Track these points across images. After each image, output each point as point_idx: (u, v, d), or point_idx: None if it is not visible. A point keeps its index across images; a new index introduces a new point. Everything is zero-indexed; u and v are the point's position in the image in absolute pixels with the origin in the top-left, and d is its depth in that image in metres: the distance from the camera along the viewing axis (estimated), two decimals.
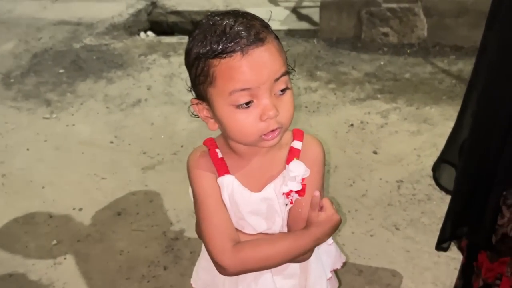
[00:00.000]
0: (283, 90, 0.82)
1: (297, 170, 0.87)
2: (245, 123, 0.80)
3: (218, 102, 0.81)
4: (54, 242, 1.95)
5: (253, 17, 0.83)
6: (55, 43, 3.81)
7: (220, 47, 0.76)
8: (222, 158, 0.91)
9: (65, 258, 1.88)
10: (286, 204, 0.92)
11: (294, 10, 4.11)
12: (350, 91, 2.88)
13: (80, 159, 2.46)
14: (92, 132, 2.68)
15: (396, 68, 3.11)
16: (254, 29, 0.79)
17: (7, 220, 2.07)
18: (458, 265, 1.57)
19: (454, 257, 1.70)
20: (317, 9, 3.62)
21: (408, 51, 3.30)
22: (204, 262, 1.06)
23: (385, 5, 3.31)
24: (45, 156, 2.49)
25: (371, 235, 1.88)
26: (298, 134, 0.94)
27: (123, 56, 3.58)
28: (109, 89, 3.12)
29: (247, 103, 0.79)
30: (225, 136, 0.89)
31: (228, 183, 0.90)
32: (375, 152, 2.33)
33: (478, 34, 1.16)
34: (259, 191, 0.91)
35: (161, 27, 4.52)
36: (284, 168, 0.90)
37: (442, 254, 1.74)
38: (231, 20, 0.79)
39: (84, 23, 4.17)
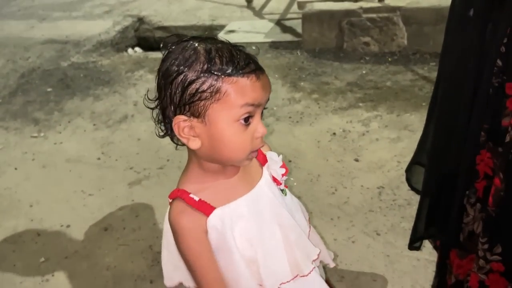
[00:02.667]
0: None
1: (275, 156, 0.98)
2: (243, 141, 0.86)
3: (220, 119, 0.83)
4: (42, 259, 1.98)
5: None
6: (43, 62, 3.86)
7: (237, 68, 0.82)
8: (200, 200, 0.90)
9: (53, 275, 1.91)
10: (282, 190, 0.98)
11: (278, 23, 4.19)
12: (333, 101, 2.94)
13: (68, 176, 2.50)
14: (79, 149, 2.72)
15: (377, 77, 3.18)
16: (254, 57, 0.86)
17: None
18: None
19: (432, 260, 1.74)
20: (300, 21, 3.68)
21: (389, 59, 3.37)
22: (166, 252, 1.03)
23: (365, 15, 3.39)
24: (33, 175, 2.53)
25: (353, 242, 1.92)
26: None
27: (110, 73, 3.63)
28: (96, 106, 3.16)
29: (246, 121, 0.85)
30: (207, 156, 0.89)
31: (220, 215, 0.90)
32: (356, 160, 2.38)
33: None
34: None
35: (148, 43, 4.58)
36: (261, 164, 0.99)
37: (421, 257, 1.78)
38: (226, 45, 0.85)
39: (72, 41, 4.22)
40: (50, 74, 3.66)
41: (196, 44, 0.84)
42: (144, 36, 4.64)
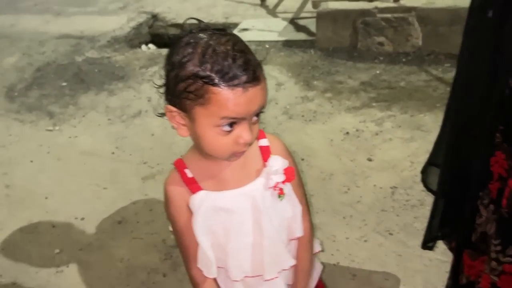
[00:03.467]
0: (257, 116, 0.90)
1: (277, 164, 0.96)
2: (223, 144, 0.88)
3: (202, 121, 0.87)
4: (57, 250, 2.01)
5: (246, 46, 0.87)
6: (58, 57, 3.89)
7: (223, 79, 0.81)
8: (192, 178, 0.97)
9: (67, 266, 1.94)
10: (279, 196, 0.98)
11: (292, 21, 4.18)
12: (346, 100, 2.94)
13: (82, 169, 2.52)
14: (94, 143, 2.74)
15: (391, 77, 3.17)
16: (252, 66, 0.84)
17: (11, 230, 2.13)
18: (448, 268, 1.62)
19: (444, 260, 1.74)
20: (314, 20, 3.69)
21: (404, 59, 3.36)
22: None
23: (380, 15, 3.38)
24: (48, 167, 2.56)
25: (365, 240, 1.92)
26: (260, 134, 1.01)
27: (124, 68, 3.65)
28: (110, 101, 3.19)
29: (231, 126, 0.86)
30: (198, 147, 0.94)
31: (202, 197, 0.96)
32: (369, 159, 2.38)
33: None
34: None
35: (162, 40, 4.60)
36: (262, 166, 0.98)
37: (433, 257, 1.78)
38: (229, 48, 0.83)
39: (86, 37, 4.25)
40: (65, 68, 3.69)
41: (199, 41, 0.85)
42: (157, 33, 4.65)
